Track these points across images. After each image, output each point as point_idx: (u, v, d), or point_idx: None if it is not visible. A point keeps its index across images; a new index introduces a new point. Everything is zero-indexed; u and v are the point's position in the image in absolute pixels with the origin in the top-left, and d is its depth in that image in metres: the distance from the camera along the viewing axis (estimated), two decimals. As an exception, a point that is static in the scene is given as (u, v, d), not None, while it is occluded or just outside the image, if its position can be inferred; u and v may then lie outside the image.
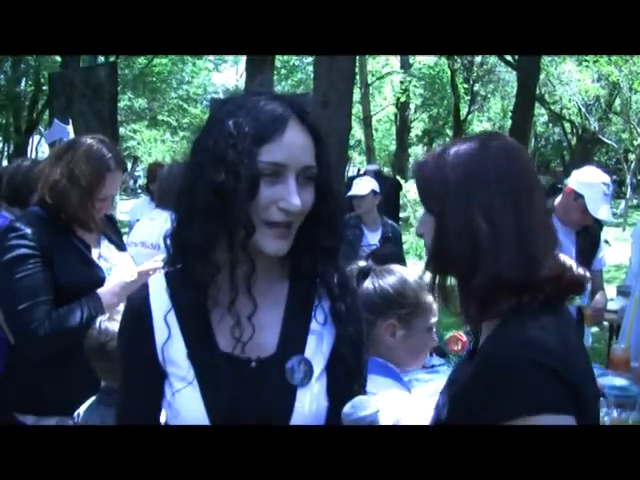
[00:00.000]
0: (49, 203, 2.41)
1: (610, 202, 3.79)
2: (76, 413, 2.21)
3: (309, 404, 1.36)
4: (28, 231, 2.36)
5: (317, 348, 1.40)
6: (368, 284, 2.07)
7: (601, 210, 3.66)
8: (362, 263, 2.15)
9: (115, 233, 2.76)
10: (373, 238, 5.44)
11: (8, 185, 3.50)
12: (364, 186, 5.47)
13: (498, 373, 1.25)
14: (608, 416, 2.58)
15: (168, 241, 1.40)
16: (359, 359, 1.44)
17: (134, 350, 1.42)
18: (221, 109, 1.36)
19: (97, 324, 2.19)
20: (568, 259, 1.48)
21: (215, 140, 1.31)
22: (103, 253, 2.59)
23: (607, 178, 3.76)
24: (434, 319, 2.08)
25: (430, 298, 2.04)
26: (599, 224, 3.97)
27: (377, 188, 5.59)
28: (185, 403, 1.34)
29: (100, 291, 2.44)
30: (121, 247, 2.76)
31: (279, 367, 1.37)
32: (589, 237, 3.88)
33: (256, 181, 1.28)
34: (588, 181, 3.70)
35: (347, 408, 1.29)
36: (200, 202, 1.30)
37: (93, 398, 2.23)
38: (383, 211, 5.86)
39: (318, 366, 1.39)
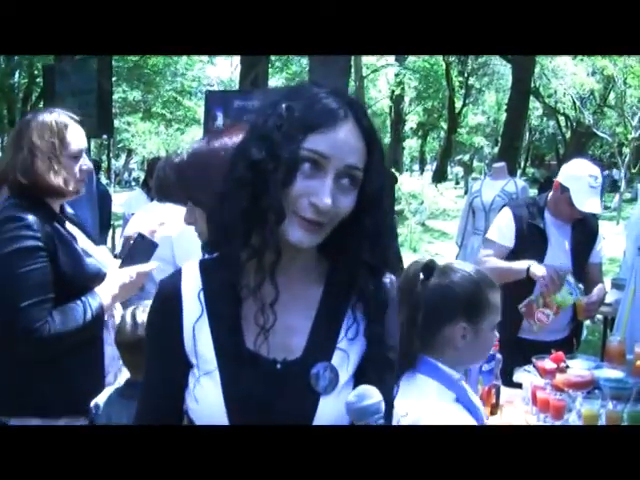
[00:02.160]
0: (24, 184, 2.31)
1: (599, 195, 3.65)
2: (93, 403, 2.19)
3: (331, 412, 1.32)
4: (31, 220, 2.26)
5: (343, 361, 1.36)
6: (434, 285, 2.00)
7: (587, 203, 3.52)
8: (424, 259, 2.07)
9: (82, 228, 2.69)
10: None
11: None
12: None
13: None
14: (603, 408, 2.59)
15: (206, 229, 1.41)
16: (385, 379, 1.37)
17: (162, 338, 1.38)
18: (282, 93, 1.33)
19: (130, 317, 2.17)
20: None
21: (265, 120, 1.29)
22: (82, 245, 2.49)
23: (595, 170, 3.63)
24: (499, 317, 2.03)
25: (497, 296, 2.03)
26: (596, 217, 3.89)
27: None
28: (205, 393, 1.32)
29: (99, 291, 2.38)
30: (96, 242, 2.71)
31: (304, 371, 1.32)
32: (586, 230, 3.77)
33: (295, 167, 1.23)
34: (574, 174, 3.60)
35: (351, 397, 1.27)
36: (237, 177, 1.28)
37: (111, 390, 2.21)
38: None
39: (345, 374, 1.35)
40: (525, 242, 3.67)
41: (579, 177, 3.56)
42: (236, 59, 24.53)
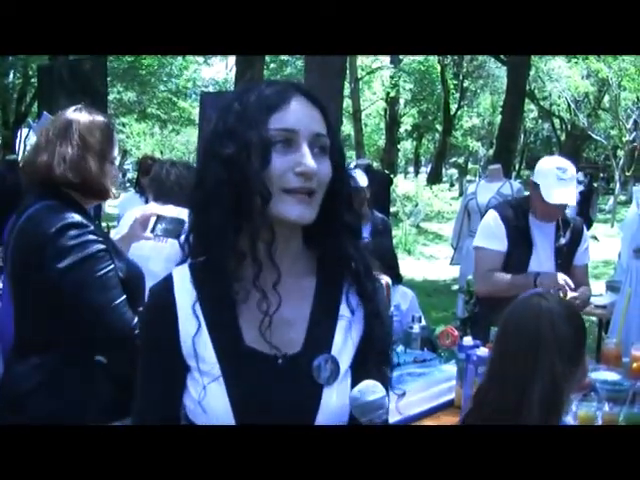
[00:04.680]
0: (73, 182, 2.23)
1: (570, 186, 3.43)
2: None
3: (334, 403, 1.34)
4: (91, 225, 2.21)
5: (344, 347, 1.38)
6: (569, 325, 1.83)
7: (555, 194, 3.37)
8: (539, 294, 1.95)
9: None
10: (363, 232, 5.41)
11: None
12: (362, 178, 5.44)
13: None
14: (600, 410, 2.58)
15: (184, 237, 1.39)
16: (386, 357, 1.44)
17: (156, 344, 1.38)
18: (232, 97, 1.37)
19: None
20: None
21: (223, 120, 1.32)
22: None
23: (563, 163, 3.48)
24: None
25: None
26: (588, 220, 3.86)
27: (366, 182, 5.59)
28: (211, 399, 1.31)
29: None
30: None
31: (306, 364, 1.34)
32: (571, 231, 3.65)
33: (268, 149, 1.26)
34: (541, 168, 3.50)
35: (354, 392, 1.28)
36: (213, 182, 1.29)
37: None
38: (374, 206, 5.85)
39: (344, 363, 1.37)
40: (512, 245, 3.59)
41: (546, 171, 3.45)
42: (231, 61, 24.53)
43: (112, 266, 2.19)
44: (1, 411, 2.27)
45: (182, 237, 1.40)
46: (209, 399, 1.31)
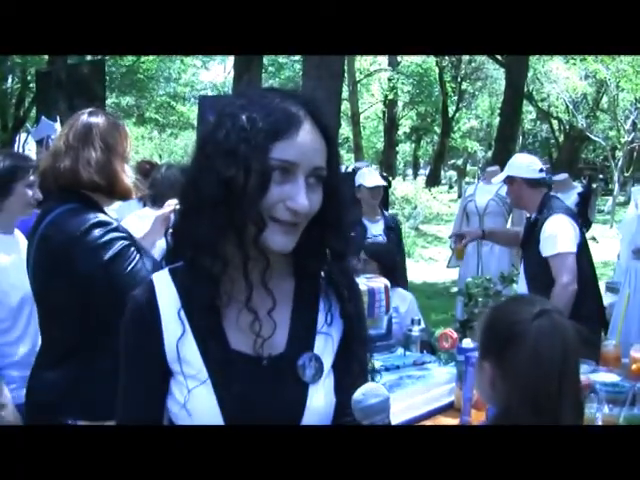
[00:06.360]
0: (100, 185, 2.26)
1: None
2: None
3: (320, 400, 1.36)
4: (115, 222, 2.23)
5: (325, 346, 1.41)
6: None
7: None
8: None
9: None
10: (376, 229, 5.47)
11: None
12: (378, 177, 5.61)
13: None
14: (599, 412, 2.58)
15: (170, 236, 1.40)
16: (366, 356, 1.47)
17: (140, 349, 1.37)
18: (234, 102, 1.34)
19: None
20: None
21: (227, 133, 1.29)
22: None
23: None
24: None
25: None
26: (587, 221, 3.92)
27: None
28: (198, 402, 1.32)
29: None
30: None
31: (290, 364, 1.36)
32: (534, 222, 3.98)
33: (267, 177, 1.25)
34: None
35: (357, 395, 1.27)
36: (208, 196, 1.28)
37: None
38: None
39: (327, 362, 1.40)
40: None
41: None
42: (229, 64, 24.51)
43: (137, 257, 2.20)
44: (28, 416, 2.29)
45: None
46: (195, 402, 1.32)
